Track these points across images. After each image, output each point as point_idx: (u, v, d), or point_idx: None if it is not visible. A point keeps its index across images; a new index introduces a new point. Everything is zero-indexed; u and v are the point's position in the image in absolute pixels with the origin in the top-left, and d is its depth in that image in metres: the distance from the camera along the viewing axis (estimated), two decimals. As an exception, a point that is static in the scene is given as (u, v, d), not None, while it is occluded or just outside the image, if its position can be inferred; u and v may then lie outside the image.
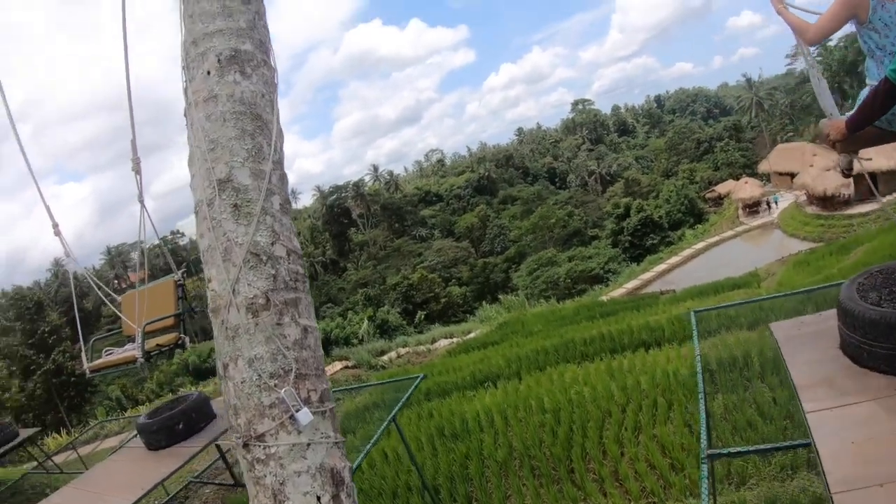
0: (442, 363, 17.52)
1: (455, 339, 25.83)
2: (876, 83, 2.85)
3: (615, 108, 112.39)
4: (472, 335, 25.43)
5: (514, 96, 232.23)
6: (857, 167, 3.76)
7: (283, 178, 2.46)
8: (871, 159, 3.75)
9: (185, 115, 2.50)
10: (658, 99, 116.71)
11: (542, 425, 8.70)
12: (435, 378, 13.89)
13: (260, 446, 2.13)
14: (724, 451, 4.37)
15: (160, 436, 6.32)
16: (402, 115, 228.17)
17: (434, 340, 27.51)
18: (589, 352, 13.26)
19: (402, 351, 26.08)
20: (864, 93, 3.07)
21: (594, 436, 8.02)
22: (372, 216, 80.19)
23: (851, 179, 36.42)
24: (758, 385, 7.92)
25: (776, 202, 47.14)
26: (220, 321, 2.22)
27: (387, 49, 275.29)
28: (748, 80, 75.66)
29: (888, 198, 34.69)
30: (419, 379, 7.02)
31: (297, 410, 2.13)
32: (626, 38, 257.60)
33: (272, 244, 2.29)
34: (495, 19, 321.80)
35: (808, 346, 3.64)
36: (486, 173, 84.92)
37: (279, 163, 2.43)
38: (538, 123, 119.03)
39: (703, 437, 4.14)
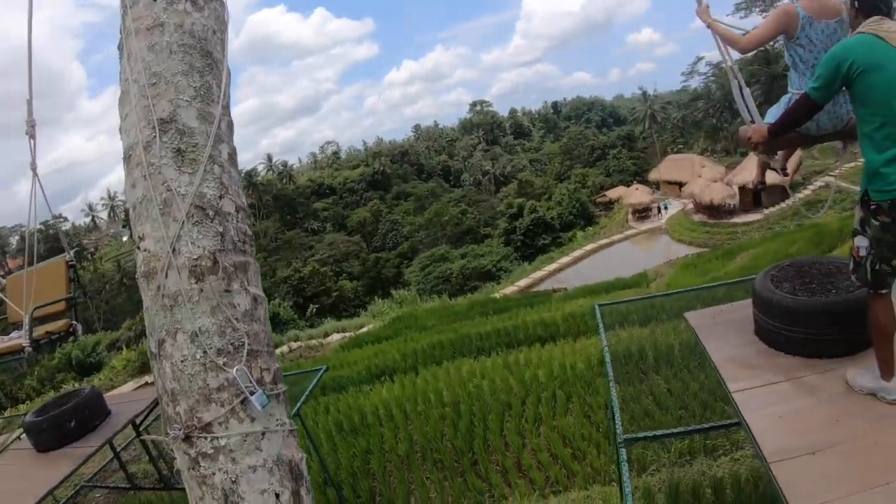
0: (336, 357, 17.16)
1: (347, 334, 25.44)
2: (797, 92, 3.18)
3: (512, 111, 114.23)
4: (364, 330, 25.14)
5: (414, 93, 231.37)
6: (781, 177, 4.05)
7: (230, 126, 2.15)
8: (788, 175, 4.09)
9: (119, 49, 2.13)
10: (555, 105, 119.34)
11: (442, 418, 8.69)
12: (330, 372, 13.55)
13: (206, 438, 1.81)
14: (640, 435, 4.45)
15: (50, 435, 5.60)
16: (301, 104, 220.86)
17: (326, 335, 26.93)
18: (485, 346, 13.34)
19: (294, 345, 25.33)
20: (786, 98, 3.43)
21: (496, 428, 8.09)
22: (263, 207, 77.41)
23: (737, 191, 39.67)
24: (653, 377, 8.23)
25: (666, 208, 49.71)
26: (156, 287, 1.87)
27: (289, 36, 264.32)
28: (644, 94, 78.27)
29: (770, 209, 38.26)
30: (322, 371, 6.74)
31: (252, 393, 1.82)
32: (529, 44, 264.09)
33: (220, 198, 1.97)
34: (401, 15, 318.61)
35: (725, 334, 3.84)
36: (381, 168, 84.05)
37: (228, 108, 2.12)
38: (436, 121, 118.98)
39: (618, 422, 4.19)
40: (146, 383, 19.95)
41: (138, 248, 1.97)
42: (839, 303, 3.19)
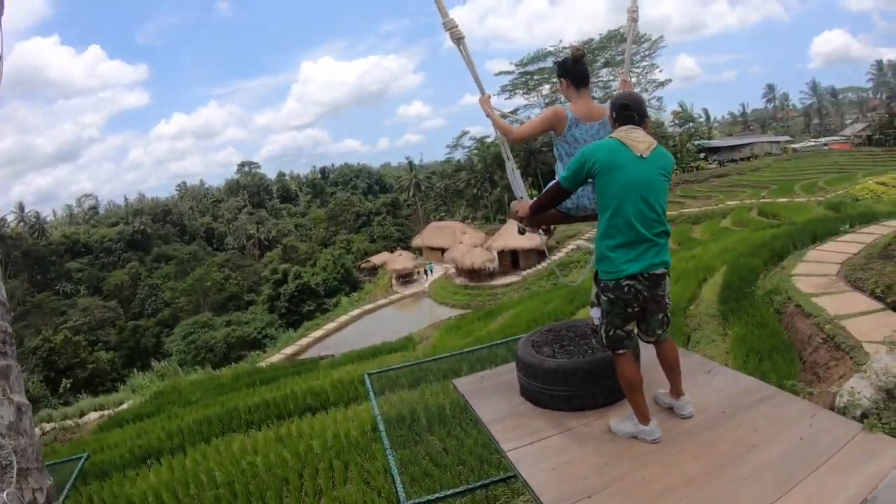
0: (95, 440, 15.19)
1: (107, 412, 22.56)
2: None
3: (280, 175, 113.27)
4: (124, 406, 22.67)
5: (182, 149, 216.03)
6: (542, 240, 4.55)
7: None
8: (549, 236, 4.55)
9: None
10: (323, 171, 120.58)
11: (217, 501, 8.15)
12: (91, 457, 11.99)
13: (-20, 580, 1.48)
14: (424, 499, 4.53)
15: None
16: (61, 150, 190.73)
17: (83, 413, 23.52)
18: (255, 419, 12.89)
19: (47, 427, 21.48)
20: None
21: (275, 505, 7.73)
22: (11, 264, 66.50)
23: (496, 255, 43.00)
24: (427, 438, 8.44)
25: (431, 271, 51.82)
26: None
27: (58, 72, 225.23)
28: (410, 163, 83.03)
29: (527, 271, 42.18)
30: (83, 459, 5.98)
31: None
32: (303, 108, 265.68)
33: (-22, 292, 1.63)
34: (179, 64, 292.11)
35: (494, 397, 4.04)
36: (142, 227, 77.82)
37: None
38: (202, 180, 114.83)
39: (400, 489, 4.26)
40: None
41: None
42: (595, 361, 3.56)
